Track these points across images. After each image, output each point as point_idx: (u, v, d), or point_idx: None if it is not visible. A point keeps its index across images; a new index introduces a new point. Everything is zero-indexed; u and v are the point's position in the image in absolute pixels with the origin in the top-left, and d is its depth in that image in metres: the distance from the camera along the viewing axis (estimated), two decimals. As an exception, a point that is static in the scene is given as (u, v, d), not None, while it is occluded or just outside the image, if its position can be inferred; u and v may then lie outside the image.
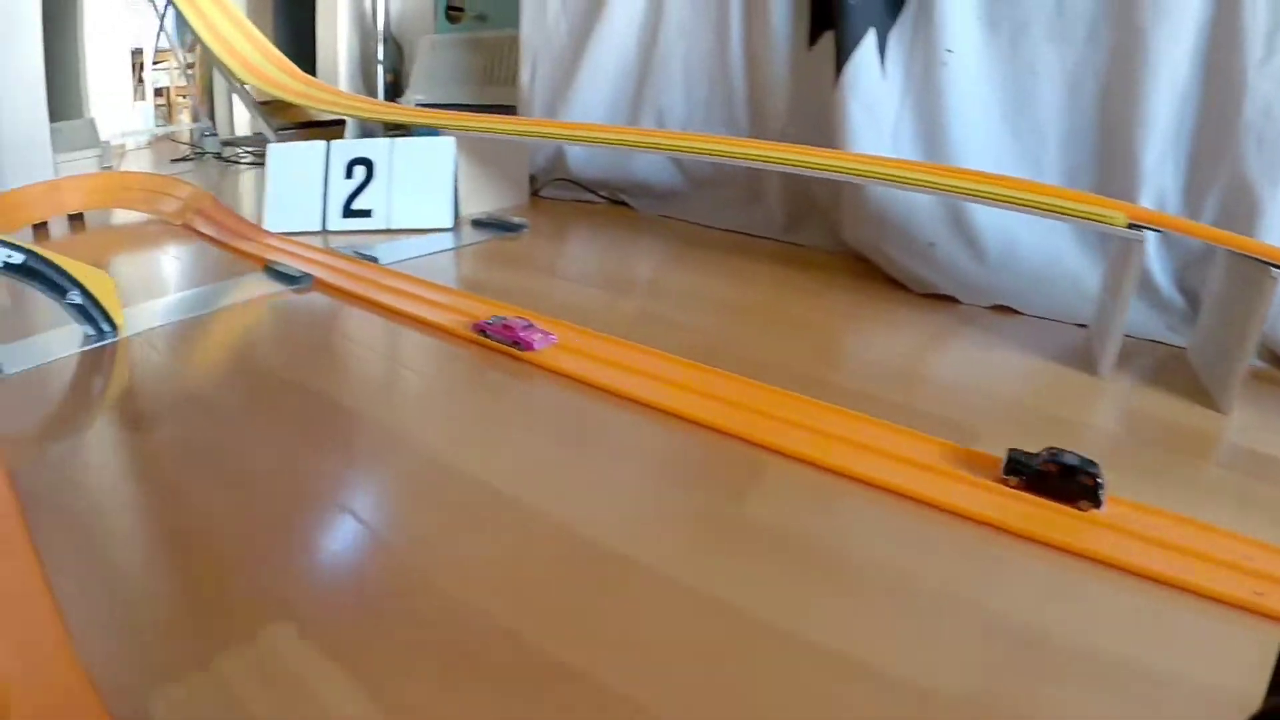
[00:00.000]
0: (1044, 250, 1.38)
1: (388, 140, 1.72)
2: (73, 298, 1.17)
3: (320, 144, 1.74)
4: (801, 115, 1.68)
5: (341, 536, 0.68)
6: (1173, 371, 1.06)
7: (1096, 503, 0.70)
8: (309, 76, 2.60)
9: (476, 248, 1.60)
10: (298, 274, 1.33)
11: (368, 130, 2.37)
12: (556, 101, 2.02)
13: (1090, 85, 1.39)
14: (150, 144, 3.84)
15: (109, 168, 2.63)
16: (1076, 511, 0.70)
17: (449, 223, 1.69)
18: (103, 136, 2.67)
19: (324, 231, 1.71)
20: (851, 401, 0.89)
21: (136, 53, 5.01)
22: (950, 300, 1.31)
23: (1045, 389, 1.00)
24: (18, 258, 1.09)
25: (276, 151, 1.76)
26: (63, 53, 2.66)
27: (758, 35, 1.75)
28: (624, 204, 1.93)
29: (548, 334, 1.07)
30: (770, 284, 1.41)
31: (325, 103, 2.29)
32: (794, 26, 1.70)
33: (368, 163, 1.70)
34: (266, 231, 1.70)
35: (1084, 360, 1.08)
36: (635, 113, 1.93)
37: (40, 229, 1.94)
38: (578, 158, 2.00)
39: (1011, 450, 0.75)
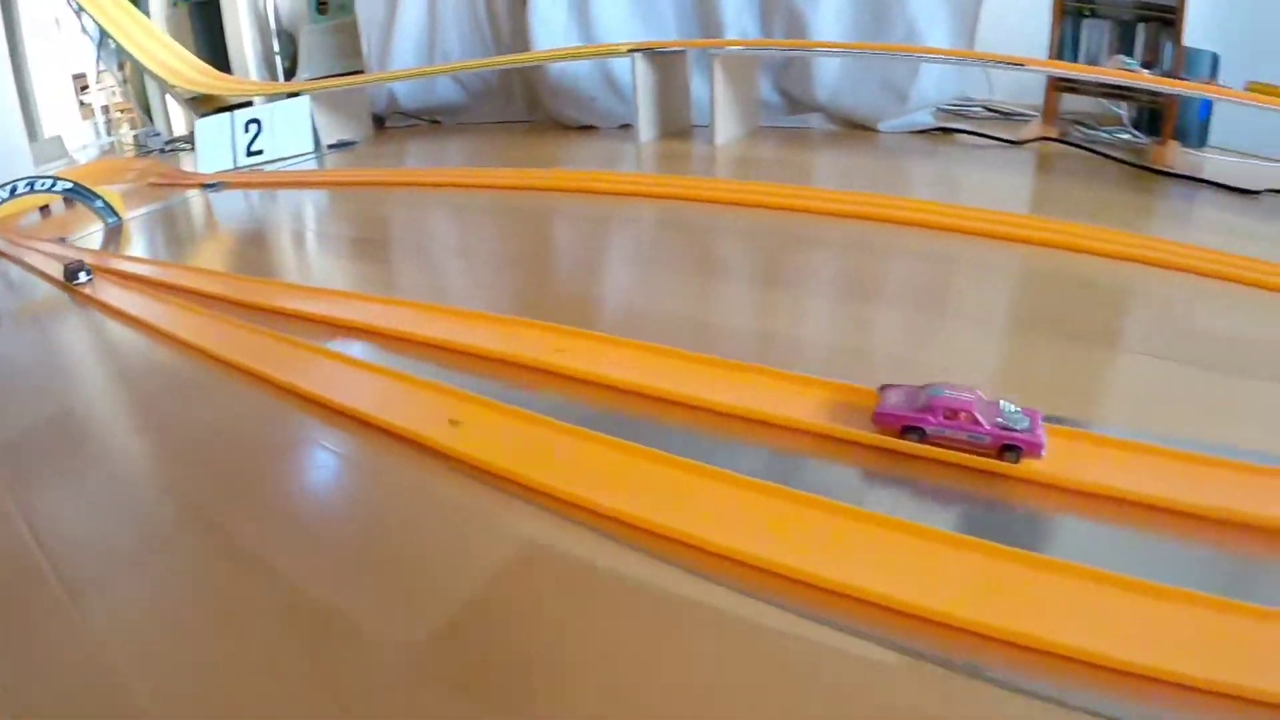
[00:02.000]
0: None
1: (269, 105, 2.71)
2: (98, 203, 2.20)
3: (227, 115, 2.73)
4: (515, 38, 2.66)
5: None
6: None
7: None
8: (217, 71, 3.58)
9: (331, 157, 2.60)
10: (215, 182, 2.35)
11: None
12: (385, 60, 3.00)
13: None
14: (107, 151, 4.81)
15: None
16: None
17: (311, 149, 2.69)
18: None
19: (236, 168, 2.72)
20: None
21: (79, 76, 5.96)
22: (594, 129, 2.34)
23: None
24: (68, 185, 2.13)
25: (201, 123, 2.75)
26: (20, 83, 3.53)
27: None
28: (437, 122, 2.92)
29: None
30: (520, 142, 2.41)
31: (232, 89, 3.28)
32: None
33: (258, 120, 2.70)
34: (199, 173, 2.71)
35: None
36: (431, 58, 2.91)
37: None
38: (402, 96, 2.99)
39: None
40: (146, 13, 3.90)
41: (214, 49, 3.98)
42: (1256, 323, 1.19)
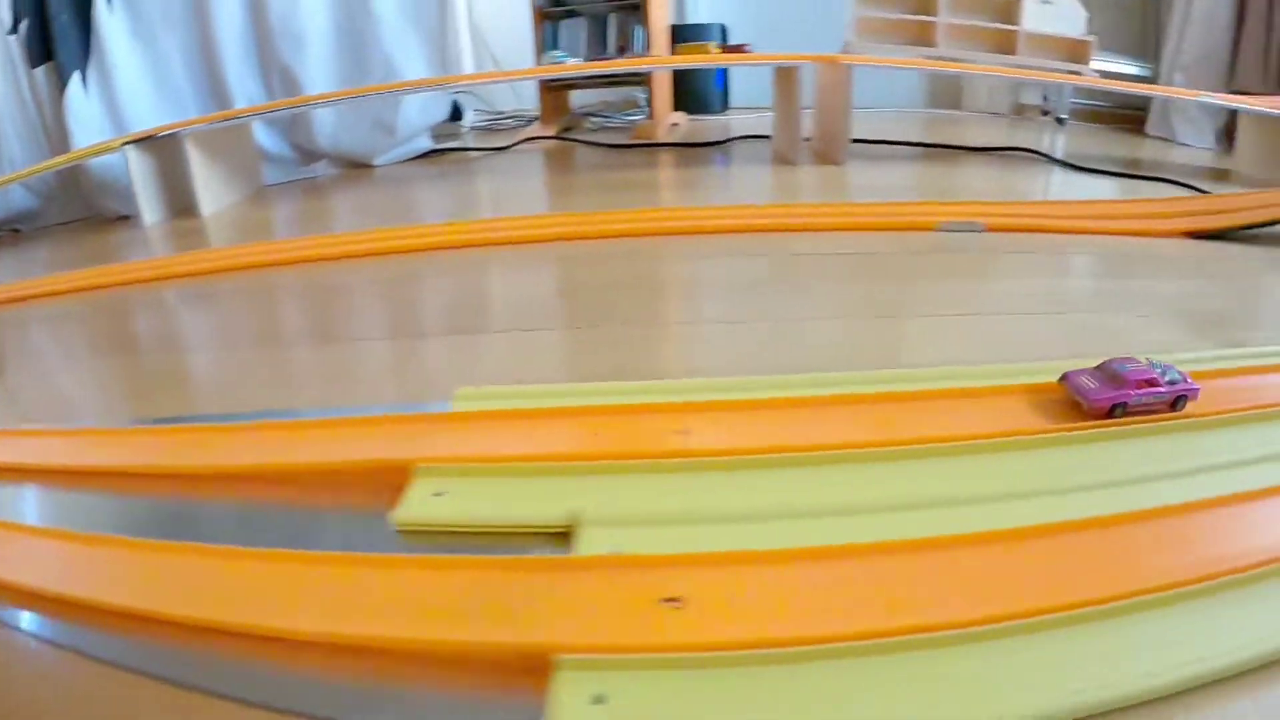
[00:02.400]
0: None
1: None
2: None
3: None
4: (60, 137, 2.94)
5: None
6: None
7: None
8: None
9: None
10: None
11: None
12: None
13: (195, 54, 2.75)
14: None
15: None
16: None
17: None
18: None
19: None
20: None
21: None
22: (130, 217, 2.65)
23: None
24: None
25: None
26: None
27: (47, 83, 2.99)
28: (18, 230, 3.16)
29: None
30: (84, 240, 2.68)
31: None
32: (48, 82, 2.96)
33: None
34: None
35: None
36: None
37: None
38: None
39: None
40: None
41: None
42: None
